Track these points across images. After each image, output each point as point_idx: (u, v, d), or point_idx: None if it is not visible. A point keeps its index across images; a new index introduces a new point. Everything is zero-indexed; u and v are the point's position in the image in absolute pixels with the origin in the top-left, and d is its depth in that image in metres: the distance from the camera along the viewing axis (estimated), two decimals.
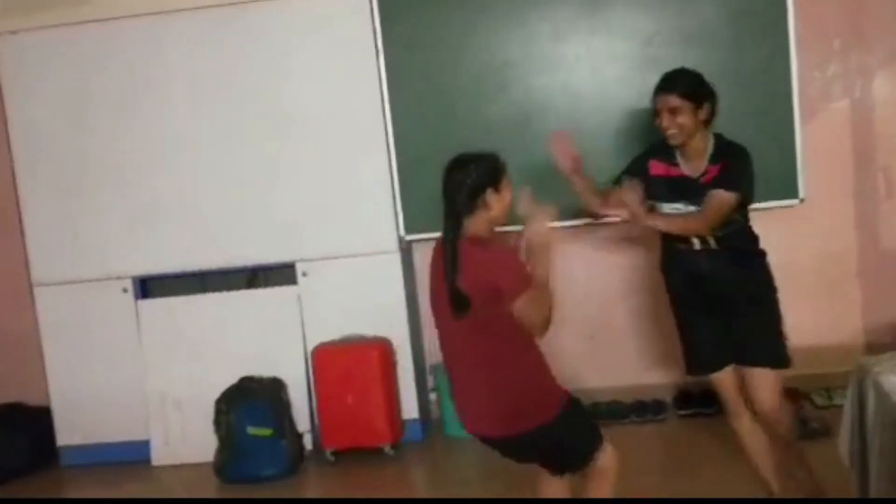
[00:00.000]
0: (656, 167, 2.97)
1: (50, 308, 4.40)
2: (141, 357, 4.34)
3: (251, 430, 3.98)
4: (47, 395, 4.44)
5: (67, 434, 4.43)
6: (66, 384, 4.40)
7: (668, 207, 2.92)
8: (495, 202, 2.51)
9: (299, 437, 4.18)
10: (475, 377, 2.56)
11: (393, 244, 4.26)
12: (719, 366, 2.96)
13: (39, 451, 4.42)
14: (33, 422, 4.47)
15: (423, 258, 4.47)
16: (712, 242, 2.87)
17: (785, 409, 3.02)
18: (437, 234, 4.26)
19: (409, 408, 4.27)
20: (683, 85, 2.85)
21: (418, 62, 4.19)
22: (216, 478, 4.03)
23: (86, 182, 4.34)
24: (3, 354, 4.74)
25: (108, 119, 4.31)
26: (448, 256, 2.49)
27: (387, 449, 4.10)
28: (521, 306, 2.41)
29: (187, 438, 4.28)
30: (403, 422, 4.22)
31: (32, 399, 4.58)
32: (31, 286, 4.42)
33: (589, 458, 2.58)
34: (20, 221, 4.40)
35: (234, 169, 4.28)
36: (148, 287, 4.44)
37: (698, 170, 2.88)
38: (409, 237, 4.31)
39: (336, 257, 4.29)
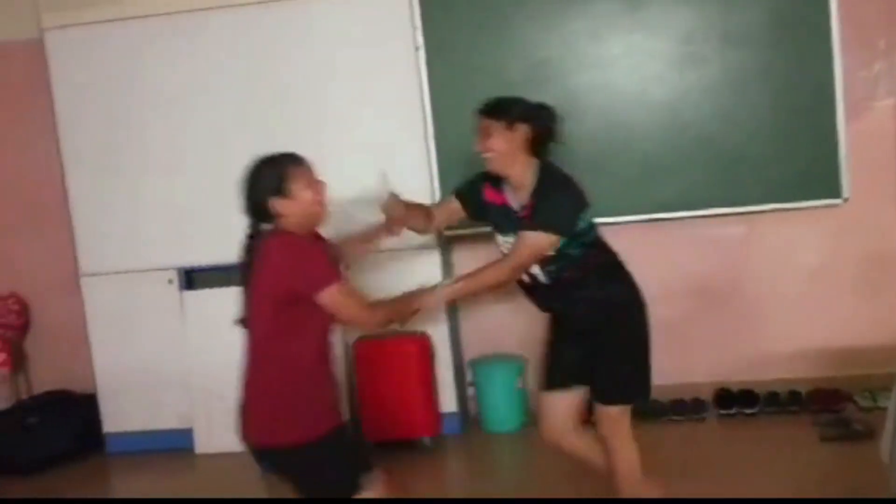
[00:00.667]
0: (489, 192, 2.82)
1: (97, 298, 4.49)
2: (185, 347, 4.43)
3: None
4: (94, 383, 4.54)
5: (113, 421, 4.54)
6: (112, 373, 4.50)
7: (501, 240, 2.80)
8: (287, 208, 2.42)
9: None
10: (250, 377, 2.53)
11: (431, 239, 4.30)
12: (561, 385, 2.89)
13: (86, 438, 4.53)
14: (80, 409, 4.58)
15: (463, 254, 4.55)
16: (543, 278, 2.74)
17: (625, 449, 2.83)
18: (475, 230, 4.39)
19: (448, 401, 4.31)
20: (496, 106, 2.72)
21: (458, 59, 4.23)
22: (258, 466, 4.10)
23: (132, 175, 4.43)
24: (52, 343, 4.86)
25: (154, 113, 4.40)
26: (246, 253, 2.46)
27: (425, 441, 4.15)
28: (329, 301, 2.34)
29: (230, 427, 4.35)
30: (441, 415, 4.27)
31: (79, 387, 4.70)
32: (78, 277, 4.52)
33: (345, 496, 2.44)
34: (68, 213, 4.51)
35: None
36: (192, 278, 4.52)
37: (521, 201, 2.72)
38: (448, 233, 4.35)
39: (376, 251, 4.33)
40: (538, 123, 2.70)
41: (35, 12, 4.43)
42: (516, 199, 2.75)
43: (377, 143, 4.27)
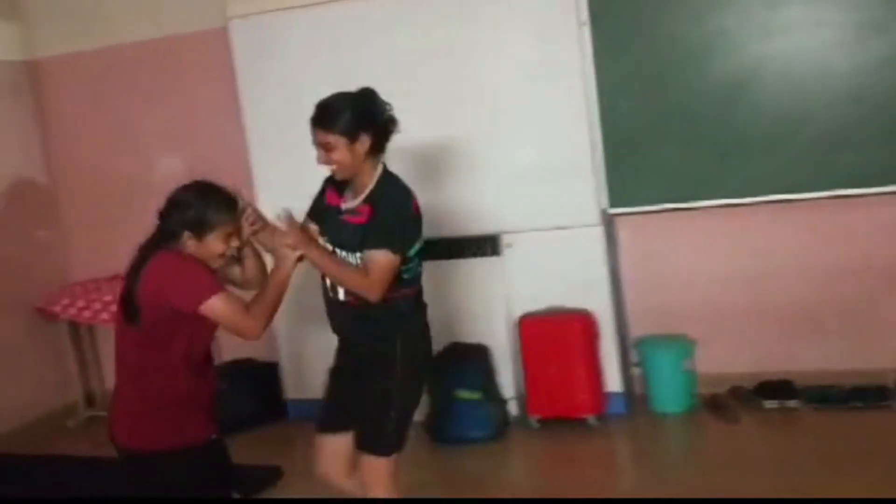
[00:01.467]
0: (331, 195, 2.73)
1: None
2: None
3: (460, 393, 4.16)
4: (276, 352, 4.84)
5: (294, 388, 4.82)
6: (293, 342, 4.78)
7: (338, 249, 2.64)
8: (193, 247, 2.42)
9: (504, 402, 4.32)
10: (119, 381, 2.51)
11: (596, 217, 4.27)
12: (336, 429, 2.79)
13: (268, 404, 4.83)
14: (264, 377, 4.90)
15: (628, 232, 4.49)
16: (342, 293, 2.65)
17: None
18: (643, 208, 4.31)
19: (613, 381, 4.29)
20: (333, 117, 2.58)
21: (626, 31, 4.16)
22: (426, 436, 4.26)
23: (308, 152, 4.64)
24: None
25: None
26: (135, 261, 2.44)
27: (591, 420, 4.16)
28: (210, 312, 2.34)
29: None
30: (606, 394, 4.25)
31: (261, 356, 5.02)
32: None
33: None
34: (253, 194, 4.75)
35: (440, 144, 4.44)
36: None
37: (353, 202, 2.64)
38: (612, 210, 4.30)
39: (539, 230, 4.36)
40: (378, 129, 2.63)
41: (221, 3, 4.71)
42: (353, 201, 2.67)
43: (540, 121, 4.28)
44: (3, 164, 5.12)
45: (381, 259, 2.53)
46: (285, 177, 4.66)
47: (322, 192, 2.80)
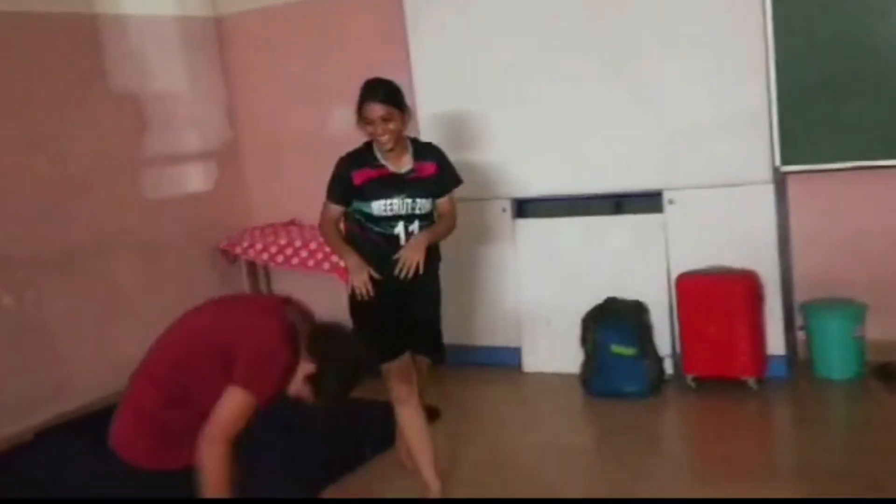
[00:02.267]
0: (359, 175, 3.18)
1: None
2: (516, 272, 4.73)
3: (615, 348, 4.19)
4: None
5: (452, 335, 4.95)
6: (452, 290, 4.91)
7: (379, 204, 3.14)
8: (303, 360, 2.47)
9: (660, 360, 4.31)
10: (139, 383, 2.52)
11: (767, 175, 4.13)
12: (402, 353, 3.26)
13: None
14: None
15: (800, 191, 4.32)
16: (403, 235, 3.20)
17: None
18: (818, 166, 4.11)
19: (775, 344, 4.17)
20: (398, 96, 3.15)
21: None
22: (581, 388, 4.33)
23: (474, 114, 4.72)
24: None
25: (505, 54, 4.59)
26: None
27: (750, 382, 4.07)
28: (229, 396, 2.36)
29: (555, 349, 4.62)
30: (768, 357, 4.15)
31: None
32: None
33: None
34: None
35: (605, 97, 4.40)
36: (524, 208, 4.78)
37: (406, 167, 3.21)
38: (785, 168, 4.15)
39: (704, 187, 4.26)
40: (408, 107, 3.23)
41: None
42: (398, 167, 3.20)
43: (713, 72, 4.16)
44: (193, 116, 5.53)
45: (452, 200, 3.36)
46: (451, 135, 4.79)
47: (347, 177, 3.20)
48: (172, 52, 5.44)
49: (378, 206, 3.15)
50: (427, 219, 3.23)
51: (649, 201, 4.40)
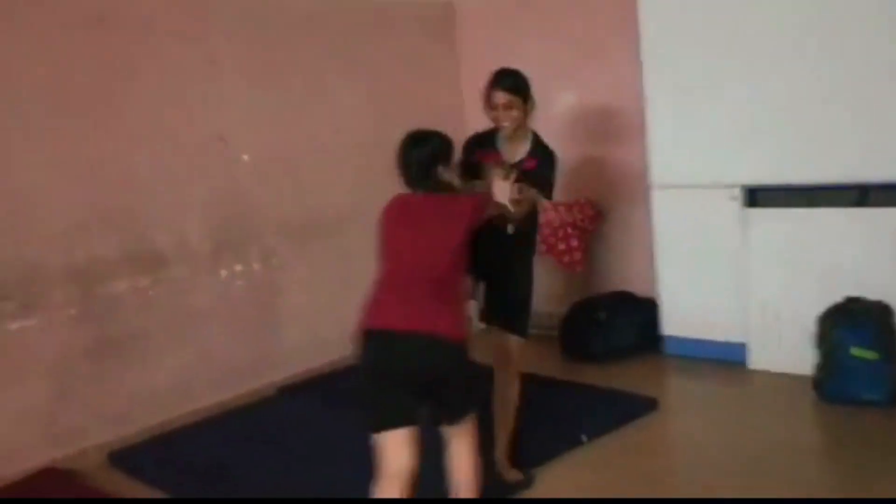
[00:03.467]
0: (480, 155, 3.33)
1: (664, 209, 4.76)
2: (745, 263, 4.50)
3: (855, 351, 3.88)
4: (655, 287, 4.90)
5: (671, 325, 4.85)
6: (674, 280, 4.81)
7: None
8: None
9: None
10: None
11: None
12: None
13: (646, 337, 4.92)
14: (642, 310, 4.98)
15: None
16: (510, 228, 3.27)
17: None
18: None
19: None
20: (521, 85, 3.32)
21: None
22: (813, 392, 4.06)
23: (704, 95, 4.54)
24: (618, 248, 5.35)
25: (736, 32, 4.40)
26: None
27: None
28: None
29: (784, 348, 4.37)
30: None
31: (640, 290, 5.12)
32: (648, 187, 4.83)
33: None
34: (644, 126, 4.79)
35: (846, 80, 4.07)
36: (756, 197, 4.53)
37: (520, 156, 3.34)
38: None
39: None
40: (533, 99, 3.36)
41: None
42: (513, 155, 3.35)
43: None
44: (428, 101, 5.63)
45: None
46: (680, 115, 4.64)
47: (469, 155, 3.34)
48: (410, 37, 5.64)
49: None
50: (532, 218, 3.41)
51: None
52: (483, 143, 3.41)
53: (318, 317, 5.03)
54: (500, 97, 3.30)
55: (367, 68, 5.36)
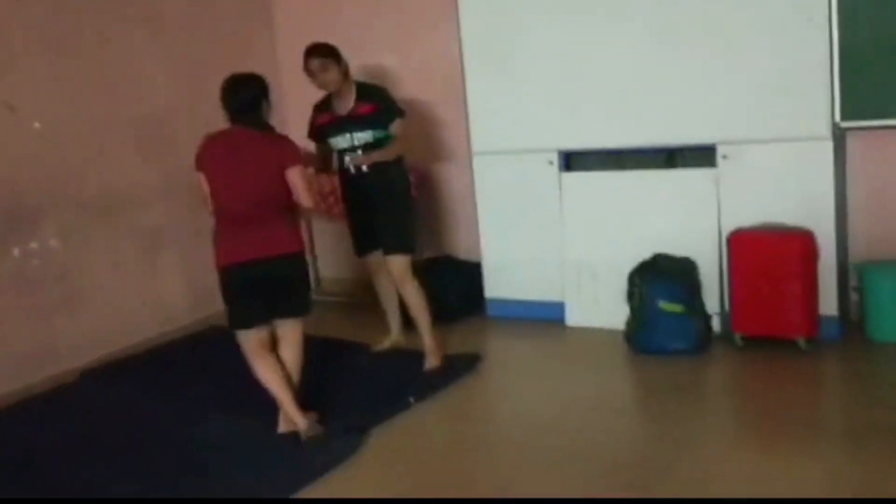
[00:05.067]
0: (320, 118, 4.11)
1: (485, 174, 4.85)
2: (561, 225, 4.66)
3: (662, 304, 4.12)
4: (479, 251, 4.98)
5: (494, 288, 4.96)
6: (495, 243, 4.90)
7: (333, 141, 4.06)
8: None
9: (708, 317, 4.23)
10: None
11: (825, 130, 3.99)
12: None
13: (470, 299, 5.00)
14: (465, 273, 5.06)
15: (860, 148, 4.18)
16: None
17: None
18: (880, 122, 3.98)
19: (828, 304, 4.07)
20: (331, 51, 3.93)
21: None
22: (625, 345, 4.27)
23: (521, 65, 4.64)
24: (444, 214, 5.39)
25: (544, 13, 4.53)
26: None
27: (800, 342, 3.99)
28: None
29: (599, 304, 4.57)
30: (820, 317, 4.06)
31: (465, 254, 5.19)
32: (470, 154, 4.90)
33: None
34: (465, 97, 4.85)
35: (659, 48, 4.28)
36: (571, 161, 4.69)
37: (347, 109, 4.01)
38: (844, 124, 4.01)
39: (760, 141, 4.14)
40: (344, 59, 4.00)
41: None
42: (343, 109, 4.01)
43: (769, 26, 4.03)
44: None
45: (401, 123, 4.08)
46: (498, 88, 4.71)
47: (313, 120, 4.15)
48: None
49: (334, 143, 4.08)
50: (370, 148, 4.01)
51: (702, 155, 4.30)
52: (322, 108, 4.11)
53: (123, 297, 4.77)
54: (314, 64, 3.92)
55: (177, 37, 5.09)
